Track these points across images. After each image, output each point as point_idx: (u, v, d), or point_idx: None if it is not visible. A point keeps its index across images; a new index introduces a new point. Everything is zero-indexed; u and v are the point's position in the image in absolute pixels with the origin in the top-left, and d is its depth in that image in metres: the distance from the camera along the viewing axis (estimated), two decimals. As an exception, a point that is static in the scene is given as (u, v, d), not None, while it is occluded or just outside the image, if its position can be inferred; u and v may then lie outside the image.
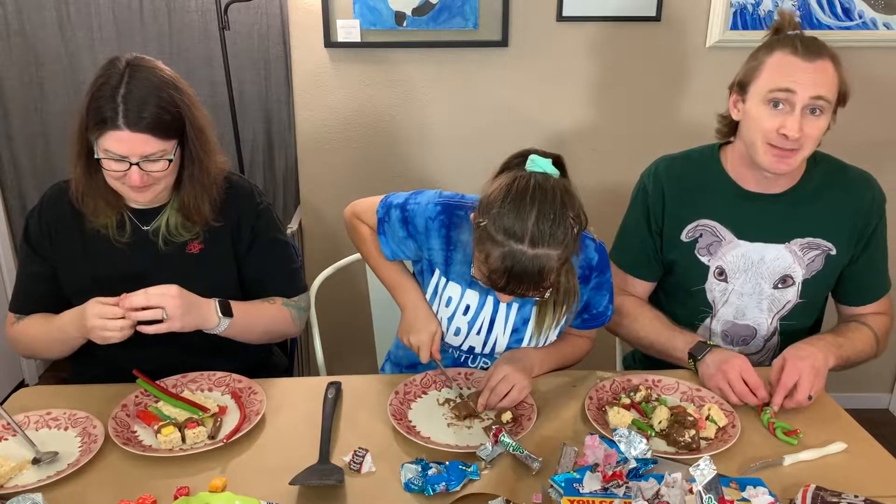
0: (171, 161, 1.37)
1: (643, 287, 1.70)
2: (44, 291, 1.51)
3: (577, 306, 1.45)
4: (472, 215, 1.32)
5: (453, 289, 1.47)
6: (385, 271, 1.57)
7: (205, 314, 1.40)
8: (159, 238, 1.48)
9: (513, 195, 1.21)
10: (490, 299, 1.47)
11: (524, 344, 1.50)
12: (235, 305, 1.47)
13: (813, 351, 1.40)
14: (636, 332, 1.64)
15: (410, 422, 1.33)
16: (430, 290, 1.50)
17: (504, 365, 1.38)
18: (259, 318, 1.53)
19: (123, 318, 1.31)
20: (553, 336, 1.51)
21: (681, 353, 1.53)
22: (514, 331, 1.49)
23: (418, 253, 1.50)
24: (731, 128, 1.57)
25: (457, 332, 1.49)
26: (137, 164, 1.33)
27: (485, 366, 1.54)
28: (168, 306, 1.32)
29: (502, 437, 1.19)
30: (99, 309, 1.31)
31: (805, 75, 1.39)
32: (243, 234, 1.55)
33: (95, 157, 1.35)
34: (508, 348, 1.50)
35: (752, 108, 1.46)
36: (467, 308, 1.47)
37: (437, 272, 1.48)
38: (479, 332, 1.49)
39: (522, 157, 1.29)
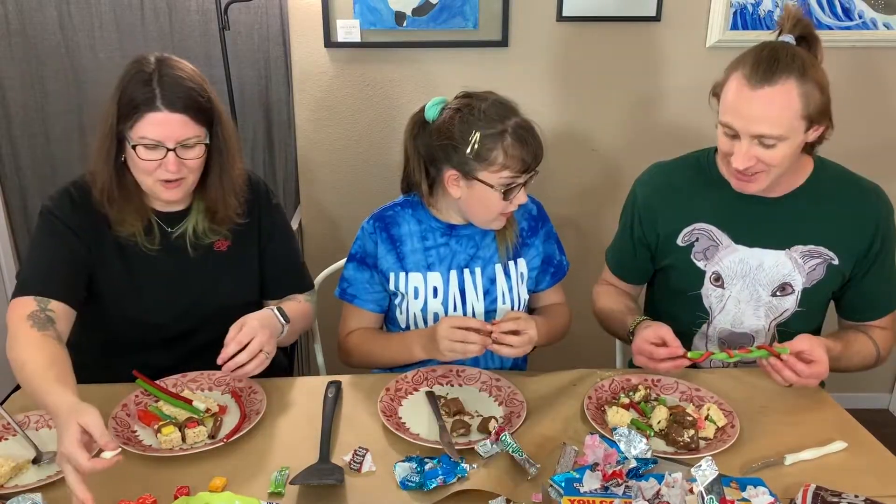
0: (207, 146, 1.38)
1: (628, 288, 1.74)
2: (74, 276, 1.40)
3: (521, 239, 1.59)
4: (447, 174, 1.43)
5: (415, 278, 1.53)
6: (389, 351, 1.56)
7: (274, 325, 1.40)
8: (186, 242, 1.48)
9: (475, 99, 1.42)
10: (454, 273, 1.54)
11: (499, 302, 1.56)
12: (286, 309, 1.47)
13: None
14: (603, 322, 1.71)
15: (400, 418, 1.34)
16: (399, 300, 1.57)
17: (529, 318, 1.42)
18: (297, 320, 1.54)
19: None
20: (524, 292, 1.59)
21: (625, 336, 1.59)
22: (486, 293, 1.55)
23: (383, 282, 1.57)
24: None
25: (436, 319, 1.54)
26: (174, 150, 1.33)
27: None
28: (268, 349, 1.34)
29: (504, 437, 1.19)
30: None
31: (747, 108, 1.33)
32: (263, 230, 1.57)
33: (131, 144, 1.32)
34: (486, 313, 1.56)
35: (718, 124, 1.42)
36: (435, 291, 1.53)
37: (401, 275, 1.54)
38: (455, 308, 1.54)
39: (420, 116, 1.48)
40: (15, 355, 1.25)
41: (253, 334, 1.32)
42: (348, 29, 2.28)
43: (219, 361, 1.30)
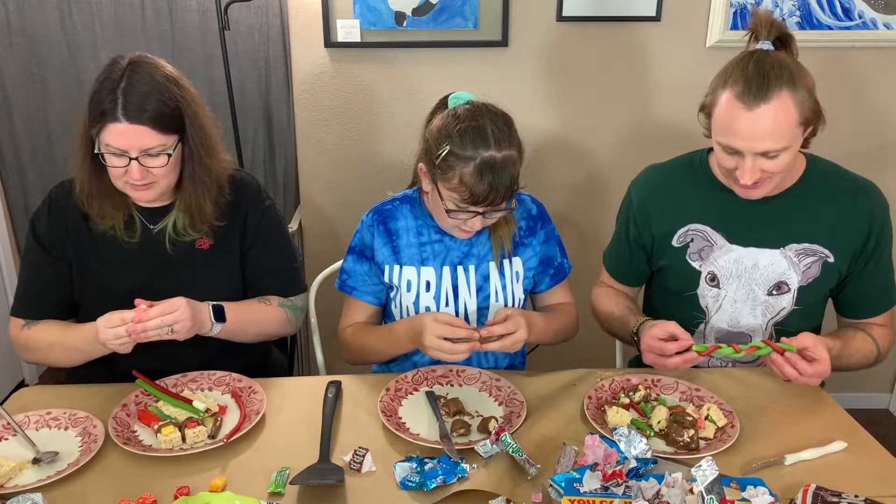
0: (170, 156, 1.37)
1: (625, 290, 1.74)
2: (54, 295, 1.49)
3: (518, 239, 1.58)
4: (419, 165, 1.46)
5: (409, 272, 1.55)
6: (380, 341, 1.55)
7: (202, 321, 1.41)
8: (166, 238, 1.49)
9: (462, 116, 1.38)
10: (447, 269, 1.54)
11: (492, 299, 1.56)
12: (230, 309, 1.46)
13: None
14: (604, 323, 1.71)
15: (400, 418, 1.34)
16: (393, 293, 1.58)
17: (518, 316, 1.40)
18: (253, 321, 1.54)
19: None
20: (519, 291, 1.57)
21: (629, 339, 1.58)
22: (479, 290, 1.55)
23: (379, 274, 1.57)
24: None
25: (427, 312, 1.54)
26: (137, 158, 1.34)
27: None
28: (177, 327, 1.33)
29: (504, 437, 1.19)
30: (106, 321, 1.32)
31: (748, 129, 1.33)
32: (249, 231, 1.56)
33: (96, 151, 1.34)
34: (479, 310, 1.56)
35: (714, 142, 1.43)
36: (428, 285, 1.54)
37: (395, 268, 1.55)
38: (447, 304, 1.55)
39: (443, 102, 1.48)
40: (36, 348, 1.47)
41: (174, 309, 1.33)
42: (348, 29, 2.28)
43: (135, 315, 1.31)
